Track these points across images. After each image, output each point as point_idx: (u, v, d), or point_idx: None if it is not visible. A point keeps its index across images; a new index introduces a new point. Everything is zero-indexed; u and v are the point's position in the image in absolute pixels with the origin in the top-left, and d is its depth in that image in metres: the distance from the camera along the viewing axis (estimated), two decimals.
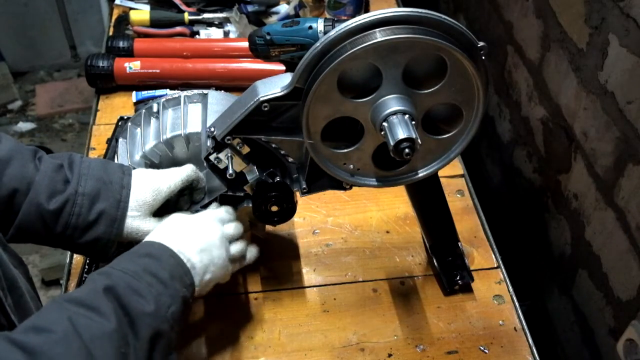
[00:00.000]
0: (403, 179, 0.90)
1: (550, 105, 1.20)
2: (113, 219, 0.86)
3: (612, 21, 0.96)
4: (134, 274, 0.73)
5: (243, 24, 1.55)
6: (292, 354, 0.98)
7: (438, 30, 0.74)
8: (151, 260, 0.76)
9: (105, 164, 0.91)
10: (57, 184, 0.85)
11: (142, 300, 0.71)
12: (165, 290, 0.74)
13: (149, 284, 0.73)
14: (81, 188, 0.86)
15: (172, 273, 0.76)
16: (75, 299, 0.68)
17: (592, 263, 1.08)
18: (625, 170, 0.96)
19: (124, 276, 0.72)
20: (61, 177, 0.86)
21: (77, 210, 0.85)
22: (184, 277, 0.78)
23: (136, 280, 0.72)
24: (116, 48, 1.45)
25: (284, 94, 0.79)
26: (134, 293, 0.71)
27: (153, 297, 0.72)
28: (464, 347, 0.99)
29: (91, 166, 0.88)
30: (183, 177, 0.91)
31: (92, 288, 0.70)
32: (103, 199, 0.86)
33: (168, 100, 0.99)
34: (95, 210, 0.85)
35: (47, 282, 2.18)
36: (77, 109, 2.86)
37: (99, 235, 0.86)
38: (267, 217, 0.94)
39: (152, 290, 0.72)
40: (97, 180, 0.87)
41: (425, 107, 0.80)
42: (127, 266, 0.74)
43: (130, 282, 0.72)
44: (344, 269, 1.10)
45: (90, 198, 0.85)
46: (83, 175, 0.87)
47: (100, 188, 0.86)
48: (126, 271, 0.73)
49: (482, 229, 1.17)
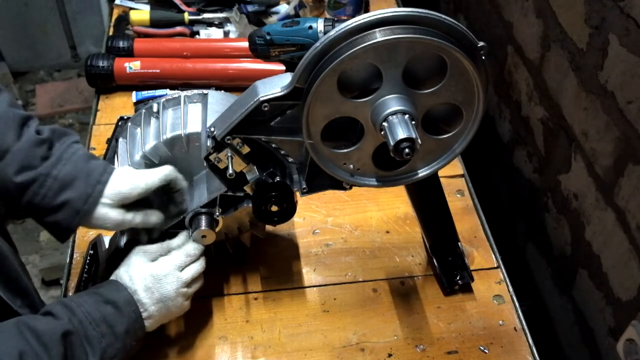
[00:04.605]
0: (403, 179, 0.90)
1: (550, 105, 1.20)
2: (77, 210, 0.85)
3: (612, 21, 0.96)
4: (93, 321, 0.79)
5: (243, 24, 1.55)
6: (292, 354, 0.98)
7: (438, 30, 0.74)
8: (113, 311, 0.82)
9: (92, 157, 0.90)
10: (32, 159, 0.84)
11: (91, 350, 0.78)
12: (115, 342, 0.81)
13: (102, 334, 0.80)
14: (55, 171, 0.85)
15: (129, 328, 0.83)
16: (35, 331, 0.73)
17: (592, 263, 1.08)
18: (625, 170, 0.96)
19: (84, 321, 0.79)
20: (40, 153, 0.85)
21: (44, 191, 0.84)
22: (138, 331, 0.85)
23: (92, 327, 0.79)
24: (116, 48, 1.45)
25: (284, 94, 0.79)
26: (86, 342, 0.78)
27: (101, 350, 0.79)
28: (464, 347, 0.99)
29: (76, 153, 0.87)
30: (161, 176, 0.90)
31: (53, 327, 0.75)
32: (74, 188, 0.85)
33: (168, 100, 0.99)
34: (62, 197, 0.84)
35: (47, 282, 2.18)
36: (77, 109, 2.86)
37: (59, 220, 0.85)
38: (267, 217, 0.94)
39: (103, 341, 0.79)
40: (75, 168, 0.86)
41: (425, 107, 0.80)
42: (90, 311, 0.80)
43: (86, 329, 0.79)
44: (344, 269, 1.10)
45: (61, 183, 0.84)
46: (63, 159, 0.86)
47: (76, 177, 0.85)
48: (87, 316, 0.79)
49: (482, 229, 1.17)
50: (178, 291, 0.88)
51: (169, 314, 0.89)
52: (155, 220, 0.92)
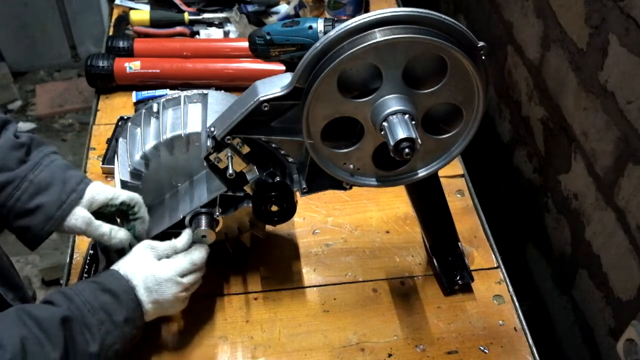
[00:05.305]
0: (403, 179, 0.90)
1: (550, 105, 1.20)
2: (50, 216, 0.85)
3: (612, 21, 0.96)
4: (92, 308, 0.79)
5: (243, 24, 1.55)
6: (292, 354, 0.98)
7: (438, 30, 0.74)
8: (112, 300, 0.82)
9: (70, 168, 0.90)
10: (9, 161, 0.84)
11: (90, 337, 0.77)
12: (114, 330, 0.80)
13: (101, 321, 0.79)
14: (32, 175, 0.85)
15: (128, 316, 0.82)
16: (35, 317, 0.73)
17: (592, 263, 1.08)
18: (625, 170, 0.96)
19: (82, 308, 0.78)
20: (17, 156, 0.85)
21: (18, 194, 0.84)
22: (137, 320, 0.84)
23: (91, 315, 0.79)
24: (116, 48, 1.45)
25: (284, 94, 0.79)
26: (85, 328, 0.77)
27: (100, 337, 0.78)
28: (464, 347, 0.99)
29: (54, 162, 0.88)
30: (130, 194, 0.92)
31: (52, 313, 0.75)
32: (49, 193, 0.85)
33: (168, 100, 0.99)
34: (36, 201, 0.85)
35: (47, 282, 2.18)
36: (77, 109, 2.86)
37: (30, 225, 0.86)
38: (267, 217, 0.94)
39: (102, 328, 0.79)
40: (52, 176, 0.86)
41: (425, 107, 0.80)
42: (89, 299, 0.80)
43: (85, 316, 0.78)
44: (344, 269, 1.10)
45: (37, 188, 0.85)
46: (41, 165, 0.86)
47: (51, 183, 0.86)
48: (85, 304, 0.79)
49: (482, 229, 1.17)
50: (176, 295, 0.88)
51: (165, 312, 0.90)
52: (122, 236, 0.92)
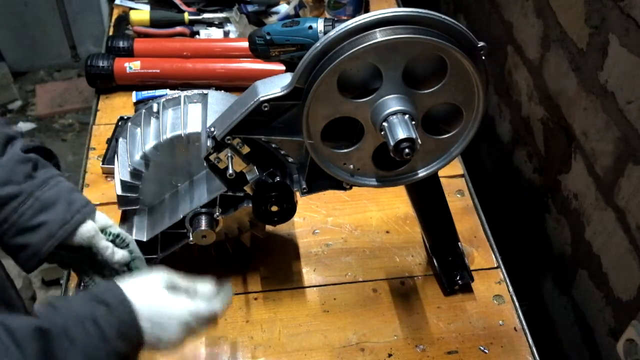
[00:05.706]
0: (403, 179, 0.90)
1: (550, 105, 1.20)
2: (51, 234, 0.84)
3: (612, 21, 0.96)
4: (77, 320, 0.69)
5: (243, 24, 1.55)
6: (292, 354, 0.98)
7: (438, 30, 0.74)
8: (104, 311, 0.71)
9: (75, 190, 0.89)
10: (15, 174, 0.83)
11: (74, 350, 0.66)
12: (103, 345, 0.69)
13: (88, 333, 0.68)
14: (39, 192, 0.84)
15: (121, 330, 0.71)
16: (7, 327, 0.64)
17: (592, 263, 1.08)
18: (625, 170, 0.96)
19: (67, 319, 0.69)
20: (24, 170, 0.84)
21: (23, 209, 0.83)
22: (134, 338, 0.72)
23: (78, 326, 0.68)
24: (116, 48, 1.45)
25: (284, 94, 0.79)
26: (67, 340, 0.67)
27: (86, 353, 0.67)
28: (464, 347, 0.99)
29: (60, 183, 0.87)
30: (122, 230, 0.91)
31: (27, 323, 0.66)
32: (54, 212, 0.84)
33: (168, 100, 0.99)
34: (40, 218, 0.83)
35: (47, 282, 2.18)
36: (77, 109, 2.85)
37: (30, 243, 0.83)
38: (267, 217, 0.94)
39: (89, 340, 0.68)
40: (58, 195, 0.85)
41: (425, 107, 0.80)
42: (77, 309, 0.70)
43: (69, 328, 0.67)
44: (344, 269, 1.10)
45: (42, 205, 0.84)
46: (49, 183, 0.85)
47: (57, 202, 0.85)
48: (71, 314, 0.69)
49: (482, 229, 1.17)
50: (180, 338, 0.77)
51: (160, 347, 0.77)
52: (125, 254, 0.91)
